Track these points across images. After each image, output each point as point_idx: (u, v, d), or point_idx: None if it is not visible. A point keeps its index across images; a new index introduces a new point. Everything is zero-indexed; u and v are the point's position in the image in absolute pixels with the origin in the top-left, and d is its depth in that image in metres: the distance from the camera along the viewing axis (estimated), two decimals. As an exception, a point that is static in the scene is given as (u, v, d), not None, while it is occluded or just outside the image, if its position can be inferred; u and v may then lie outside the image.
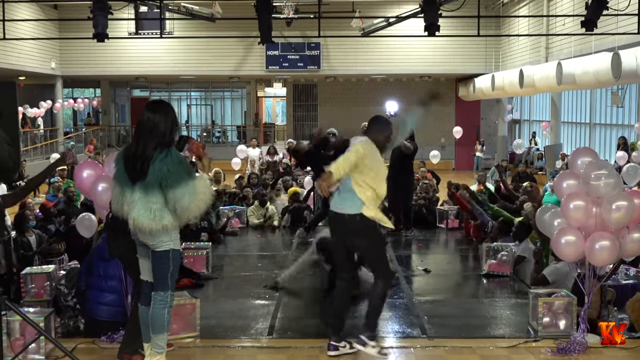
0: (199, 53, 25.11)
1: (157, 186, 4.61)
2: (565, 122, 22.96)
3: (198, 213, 4.75)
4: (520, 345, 5.70)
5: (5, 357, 5.18)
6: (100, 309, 5.99)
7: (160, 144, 4.67)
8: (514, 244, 8.74)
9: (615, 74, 13.30)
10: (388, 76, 26.81)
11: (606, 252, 5.60)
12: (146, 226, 4.62)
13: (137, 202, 4.64)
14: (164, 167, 4.60)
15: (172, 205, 4.62)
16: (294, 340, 6.01)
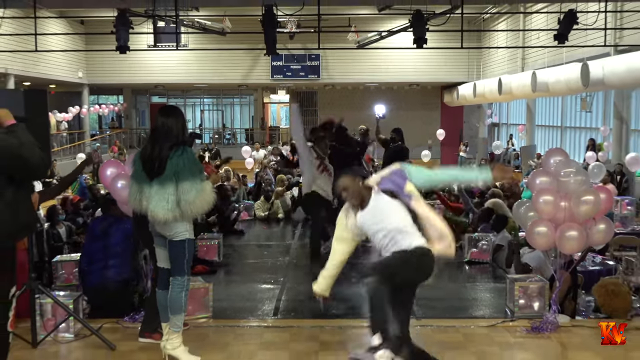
0: (211, 63, 25.11)
1: (173, 179, 4.63)
2: (539, 126, 22.95)
3: (201, 210, 4.75)
4: (499, 324, 5.71)
5: (38, 336, 5.21)
6: (96, 282, 6.01)
7: (174, 144, 4.70)
8: (493, 234, 8.77)
9: (584, 82, 13.30)
10: (380, 84, 26.81)
11: (574, 241, 5.61)
12: (162, 216, 4.63)
13: (154, 195, 4.65)
14: (180, 162, 4.63)
15: (178, 197, 4.62)
16: (297, 320, 6.03)
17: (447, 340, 5.23)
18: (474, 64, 25.02)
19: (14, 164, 3.49)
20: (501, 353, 4.97)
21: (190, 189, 4.61)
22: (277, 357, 4.94)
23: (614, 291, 6.07)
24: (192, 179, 4.64)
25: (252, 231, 11.48)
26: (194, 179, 4.65)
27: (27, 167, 3.56)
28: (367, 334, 5.50)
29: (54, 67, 22.87)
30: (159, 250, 4.93)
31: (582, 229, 5.63)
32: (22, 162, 3.54)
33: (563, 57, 16.08)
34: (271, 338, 5.43)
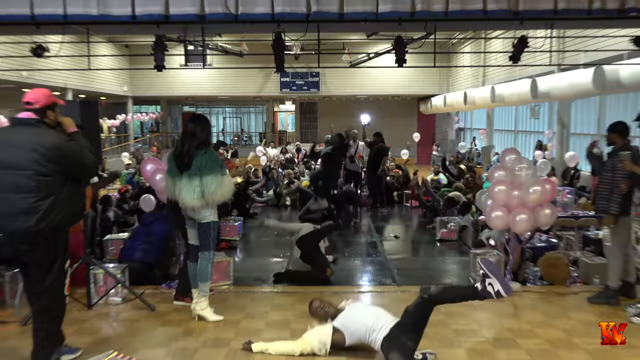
0: (231, 79, 25.04)
1: (198, 174, 4.64)
2: (497, 130, 22.90)
3: (222, 199, 4.75)
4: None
5: (93, 300, 5.22)
6: (135, 254, 6.11)
7: (200, 144, 4.70)
8: (459, 217, 8.77)
9: (533, 94, 13.29)
10: (369, 96, 26.74)
11: (524, 223, 5.61)
12: (190, 204, 4.66)
13: (184, 187, 4.67)
14: (203, 160, 4.65)
15: (202, 188, 4.63)
16: (301, 287, 6.04)
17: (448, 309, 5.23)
18: (444, 80, 24.96)
19: (75, 167, 3.50)
20: (465, 312, 4.98)
21: (212, 182, 4.64)
22: (285, 316, 4.95)
23: (554, 264, 6.09)
24: (214, 174, 4.65)
25: (265, 215, 11.49)
26: (215, 173, 4.66)
27: (84, 169, 3.57)
28: (358, 298, 5.53)
29: (104, 83, 22.80)
30: (190, 231, 4.94)
31: (531, 213, 5.63)
32: (82, 165, 3.55)
33: (516, 74, 16.05)
34: (280, 301, 5.44)
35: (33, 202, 3.30)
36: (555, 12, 5.39)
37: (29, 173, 3.30)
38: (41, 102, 3.48)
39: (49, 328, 3.60)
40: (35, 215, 3.30)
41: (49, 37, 9.22)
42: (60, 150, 3.38)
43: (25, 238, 3.33)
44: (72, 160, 3.44)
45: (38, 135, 3.38)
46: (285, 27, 6.26)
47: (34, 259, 3.45)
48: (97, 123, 5.32)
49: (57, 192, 3.37)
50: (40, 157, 3.32)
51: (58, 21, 5.51)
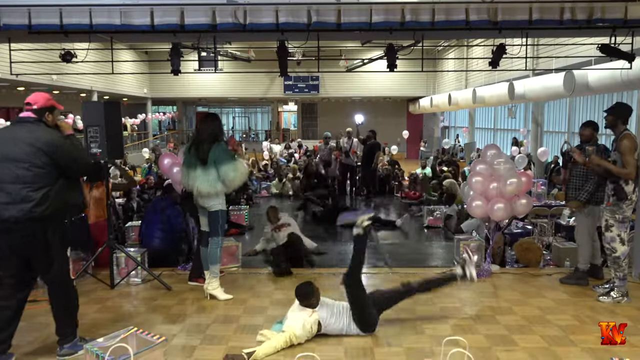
0: (240, 82, 24.94)
1: (212, 165, 4.62)
2: (478, 128, 22.85)
3: (240, 183, 4.75)
4: (448, 272, 5.69)
5: (115, 280, 5.20)
6: (154, 242, 5.99)
7: (212, 139, 4.67)
8: (445, 207, 8.75)
9: (510, 96, 13.23)
10: (363, 98, 26.66)
11: (501, 211, 5.58)
12: (205, 191, 4.63)
13: (199, 176, 4.65)
14: (216, 152, 4.64)
15: (222, 178, 4.62)
16: (302, 269, 6.02)
17: None
18: (431, 83, 24.86)
19: (67, 162, 3.46)
20: (450, 292, 4.97)
21: (229, 170, 4.63)
22: (287, 295, 4.93)
23: (527, 248, 6.07)
24: (228, 163, 4.65)
25: (269, 203, 11.46)
26: (229, 162, 4.65)
27: (76, 164, 3.53)
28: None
29: (125, 85, 22.71)
30: (202, 218, 4.92)
31: (508, 203, 5.60)
32: (73, 160, 3.51)
33: (495, 78, 15.97)
34: (283, 282, 5.42)
35: (27, 191, 3.29)
36: (530, 22, 5.37)
37: (26, 165, 3.30)
38: (39, 103, 3.49)
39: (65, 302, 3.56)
40: (29, 204, 3.28)
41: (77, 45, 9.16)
42: (54, 145, 3.37)
43: (18, 224, 3.28)
44: (65, 155, 3.42)
45: (35, 131, 3.38)
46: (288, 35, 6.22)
47: (31, 251, 3.39)
48: (119, 122, 5.29)
49: (50, 184, 3.35)
50: (35, 151, 3.32)
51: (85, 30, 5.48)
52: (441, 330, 4.11)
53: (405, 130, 23.62)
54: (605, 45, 5.80)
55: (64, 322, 3.56)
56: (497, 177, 5.68)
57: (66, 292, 3.56)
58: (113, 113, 4.99)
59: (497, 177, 5.68)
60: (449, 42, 20.81)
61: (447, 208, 8.64)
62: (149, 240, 6.00)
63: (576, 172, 5.28)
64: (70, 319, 3.59)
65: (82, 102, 5.18)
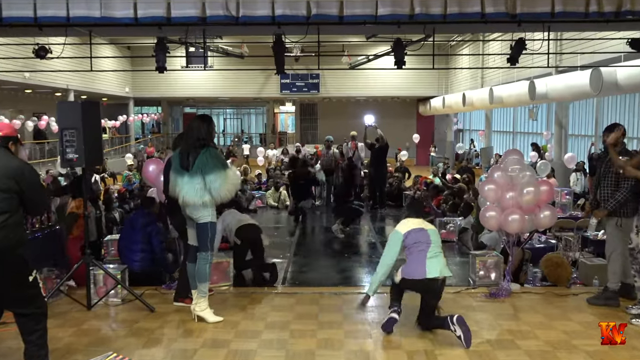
0: (232, 81, 25.03)
1: (199, 172, 4.62)
2: (495, 131, 22.89)
3: (229, 194, 4.72)
4: (463, 291, 5.69)
5: (92, 300, 5.18)
6: (133, 265, 5.94)
7: (200, 144, 4.67)
8: (460, 219, 8.73)
9: (531, 96, 13.26)
10: (368, 98, 26.73)
11: (516, 223, 5.56)
12: (191, 201, 4.63)
13: (186, 184, 4.66)
14: (204, 158, 4.64)
15: (208, 186, 4.61)
16: (301, 287, 6.01)
17: None
18: (443, 82, 24.94)
19: (32, 192, 3.56)
20: (466, 314, 4.93)
21: (216, 179, 4.62)
22: (284, 317, 4.91)
23: (557, 263, 6.04)
24: (216, 171, 4.63)
25: (265, 215, 11.46)
26: (217, 170, 4.64)
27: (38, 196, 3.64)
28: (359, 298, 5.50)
29: (105, 84, 22.79)
30: (189, 231, 4.91)
31: (523, 213, 5.58)
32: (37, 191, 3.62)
33: (514, 76, 16.01)
34: (280, 302, 5.40)
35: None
36: (552, 14, 5.39)
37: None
38: (4, 131, 3.63)
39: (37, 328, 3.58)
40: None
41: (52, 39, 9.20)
42: (22, 172, 3.50)
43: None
44: (31, 185, 3.54)
45: (3, 156, 3.52)
46: (285, 29, 6.24)
47: None
48: (98, 124, 5.29)
49: (10, 212, 3.47)
50: (2, 175, 3.44)
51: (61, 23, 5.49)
52: (456, 356, 4.09)
53: (415, 134, 23.63)
54: (635, 40, 5.82)
55: (36, 345, 3.56)
56: (514, 186, 5.67)
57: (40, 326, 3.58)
58: (91, 114, 4.99)
59: (513, 185, 5.67)
60: (463, 37, 20.87)
61: (462, 220, 8.62)
62: (128, 262, 5.95)
63: (606, 180, 5.24)
64: (42, 342, 3.59)
65: (57, 102, 5.18)
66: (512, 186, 5.66)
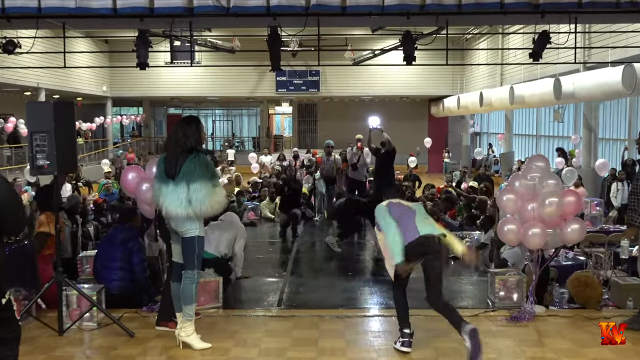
0: (222, 78, 25.13)
1: (184, 181, 4.62)
2: (516, 134, 22.94)
3: (211, 210, 4.69)
4: (481, 314, 5.67)
5: (65, 324, 5.16)
6: (112, 285, 5.90)
7: (188, 148, 4.68)
8: (478, 233, 8.72)
9: (556, 95, 13.29)
10: (374, 97, 26.81)
11: (537, 238, 5.55)
12: (174, 212, 4.62)
13: (170, 194, 4.65)
14: (191, 165, 4.63)
15: (190, 195, 4.59)
16: (298, 310, 5.99)
17: (435, 327, 5.19)
18: (457, 79, 25.03)
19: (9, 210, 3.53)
20: (484, 340, 4.92)
21: (200, 188, 4.60)
22: (280, 344, 4.90)
23: (586, 282, 6.03)
24: (202, 180, 4.62)
25: (259, 229, 11.45)
26: (203, 180, 4.62)
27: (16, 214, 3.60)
28: (363, 322, 5.49)
29: (81, 82, 22.87)
30: (174, 246, 4.91)
31: (545, 227, 5.57)
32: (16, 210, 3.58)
33: (538, 73, 16.07)
34: (275, 326, 5.39)
35: None
36: (579, 4, 5.41)
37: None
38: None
39: (9, 355, 3.58)
40: None
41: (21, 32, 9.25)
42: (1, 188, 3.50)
43: None
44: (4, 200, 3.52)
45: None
46: (281, 21, 6.27)
47: None
48: (72, 126, 5.30)
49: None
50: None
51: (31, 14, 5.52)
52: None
53: (426, 138, 23.69)
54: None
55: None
56: (536, 196, 5.66)
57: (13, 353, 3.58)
58: (65, 116, 5.01)
59: (535, 195, 5.67)
60: (480, 29, 20.98)
61: (482, 235, 8.60)
62: (106, 281, 5.93)
63: (634, 189, 5.24)
64: None
65: (27, 102, 5.20)
66: (534, 196, 5.66)
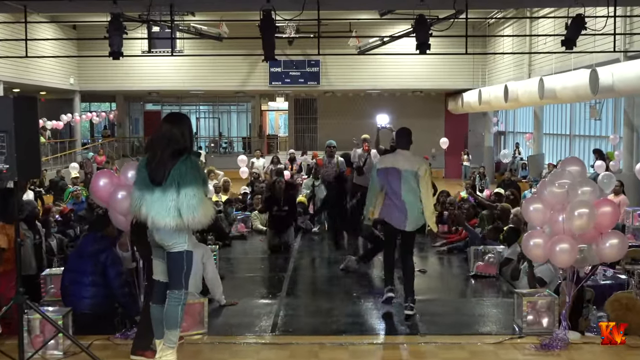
0: (207, 70, 25.16)
1: (175, 186, 4.63)
2: (546, 134, 22.96)
3: (203, 220, 4.70)
4: (506, 341, 5.67)
5: (26, 354, 5.16)
6: (83, 303, 5.91)
7: (178, 151, 4.70)
8: (502, 247, 8.72)
9: (593, 89, 13.30)
10: (383, 91, 26.84)
11: (566, 254, 5.55)
12: (161, 223, 4.63)
13: (156, 202, 4.66)
14: (183, 168, 4.65)
15: (180, 203, 4.60)
16: (296, 336, 5.99)
17: (452, 358, 5.20)
18: (478, 70, 25.06)
19: None
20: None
21: (193, 195, 4.62)
22: (275, 376, 4.91)
23: (628, 305, 6.02)
24: (195, 186, 4.65)
25: (250, 243, 11.45)
26: (197, 185, 4.66)
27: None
28: (370, 351, 5.49)
29: (44, 74, 22.90)
30: (156, 262, 4.91)
31: (575, 243, 5.58)
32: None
33: (571, 63, 16.10)
34: (269, 356, 5.39)
35: None
36: (620, -16, 5.42)
37: None
38: None
39: None
40: None
41: (-25, 16, 9.29)
42: None
43: None
44: None
45: None
46: (276, 3, 6.30)
47: None
48: (35, 125, 5.30)
49: None
50: None
51: (-14, -4, 5.53)
52: None
53: (443, 138, 23.72)
54: None
55: None
56: (563, 206, 5.67)
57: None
58: (26, 113, 5.01)
59: (563, 205, 5.67)
60: (505, 13, 21.04)
61: (506, 249, 8.60)
62: (76, 300, 5.94)
63: None
64: None
65: (-17, 97, 5.21)
66: (565, 206, 5.67)
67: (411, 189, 6.73)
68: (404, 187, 6.70)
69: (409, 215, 6.73)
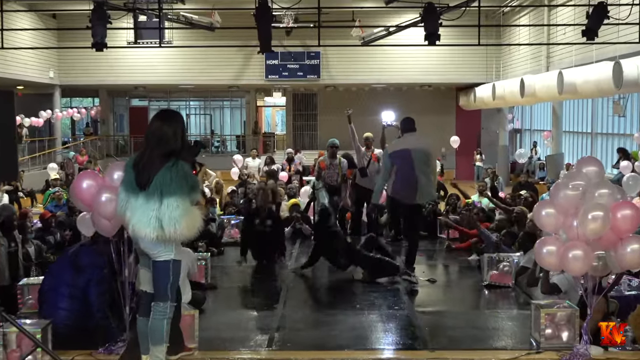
0: (198, 62, 25.17)
1: (157, 193, 4.62)
2: (566, 132, 22.97)
3: (187, 233, 4.71)
4: (522, 357, 5.67)
5: (1, 369, 5.17)
6: (58, 314, 5.91)
7: (168, 152, 4.68)
8: (517, 255, 8.72)
9: (616, 83, 13.31)
10: (388, 85, 26.86)
11: (579, 262, 5.55)
12: (142, 233, 4.63)
13: (139, 209, 4.66)
14: (167, 175, 4.63)
15: (162, 213, 4.59)
16: (294, 352, 5.98)
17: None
18: (492, 63, 25.07)
19: None
20: (526, 390, 4.93)
21: (177, 206, 4.59)
22: (271, 394, 4.91)
23: (651, 319, 6.02)
24: (180, 195, 4.62)
25: (244, 250, 11.44)
26: (181, 195, 4.63)
27: None
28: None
29: (21, 66, 22.92)
30: (142, 272, 4.93)
31: (590, 249, 5.58)
32: None
33: (593, 55, 16.11)
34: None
35: None
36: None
37: None
38: None
39: None
40: None
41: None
42: None
43: None
44: None
45: None
46: (273, -10, 6.31)
47: None
48: (12, 122, 5.32)
49: None
50: None
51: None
52: None
53: (453, 136, 23.76)
54: None
55: None
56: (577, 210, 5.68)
57: None
58: (3, 109, 5.03)
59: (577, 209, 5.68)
60: (520, 1, 21.07)
61: (522, 257, 8.61)
62: (52, 309, 5.94)
63: None
64: None
65: (-45, 92, 5.22)
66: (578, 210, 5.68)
67: (422, 165, 8.16)
68: (416, 164, 8.11)
69: (419, 189, 8.16)
